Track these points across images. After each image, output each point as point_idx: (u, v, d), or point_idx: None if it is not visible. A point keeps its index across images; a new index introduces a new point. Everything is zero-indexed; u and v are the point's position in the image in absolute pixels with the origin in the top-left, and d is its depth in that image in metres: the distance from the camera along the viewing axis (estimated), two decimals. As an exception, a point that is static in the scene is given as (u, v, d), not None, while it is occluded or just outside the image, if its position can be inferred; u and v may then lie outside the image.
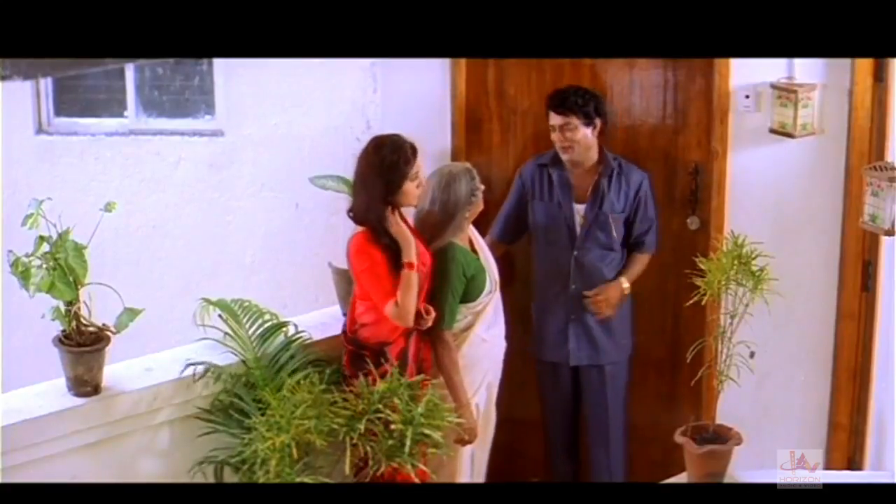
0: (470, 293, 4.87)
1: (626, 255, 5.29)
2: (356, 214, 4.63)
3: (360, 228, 4.62)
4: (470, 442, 4.80)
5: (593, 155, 5.20)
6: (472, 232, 5.02)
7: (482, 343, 4.96)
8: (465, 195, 4.82)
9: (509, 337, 5.15)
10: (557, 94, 5.17)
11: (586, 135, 5.13)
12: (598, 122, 5.15)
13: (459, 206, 4.80)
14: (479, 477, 5.11)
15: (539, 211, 5.29)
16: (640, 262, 5.28)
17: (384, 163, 4.55)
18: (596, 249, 5.22)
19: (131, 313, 4.32)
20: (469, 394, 4.86)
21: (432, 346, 4.80)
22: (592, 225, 5.20)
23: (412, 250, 4.57)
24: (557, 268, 5.26)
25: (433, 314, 4.71)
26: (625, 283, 5.23)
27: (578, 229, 5.21)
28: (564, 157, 5.18)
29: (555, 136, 5.16)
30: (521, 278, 5.48)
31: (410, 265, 4.55)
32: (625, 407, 5.40)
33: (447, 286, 4.78)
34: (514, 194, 5.37)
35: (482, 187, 4.91)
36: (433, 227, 4.79)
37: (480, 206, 4.94)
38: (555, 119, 5.14)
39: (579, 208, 5.22)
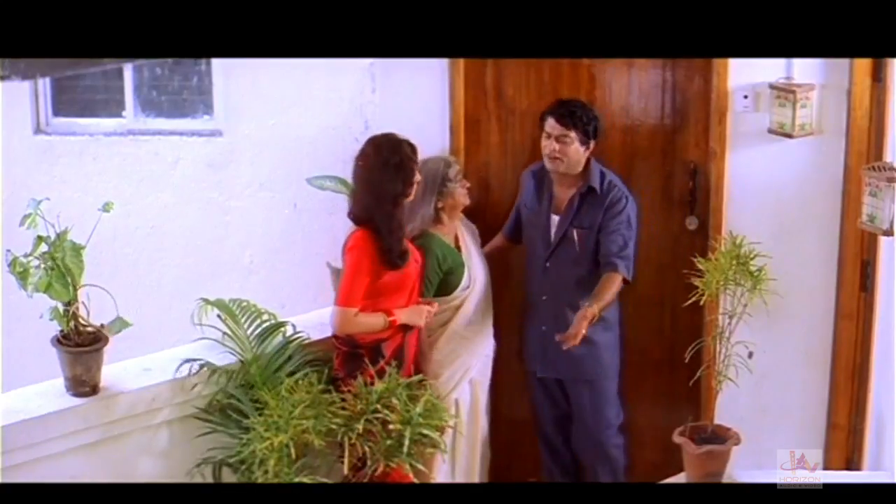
0: (446, 286, 4.94)
1: (596, 272, 5.02)
2: (358, 215, 4.64)
3: (357, 228, 4.63)
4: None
5: (578, 168, 5.07)
6: (461, 230, 5.04)
7: (462, 339, 5.00)
8: (432, 179, 4.86)
9: (502, 338, 5.14)
10: (564, 104, 5.06)
11: (579, 151, 5.02)
12: (592, 143, 5.04)
13: (427, 190, 4.84)
14: (472, 476, 5.11)
15: (525, 218, 5.25)
16: (610, 281, 4.92)
17: (390, 161, 4.57)
18: (566, 262, 5.09)
19: (122, 323, 4.34)
20: (448, 388, 4.91)
21: None
22: (562, 238, 5.10)
23: (417, 319, 4.70)
24: (535, 277, 5.20)
25: (436, 306, 4.82)
26: (591, 309, 4.77)
27: (552, 241, 5.13)
28: (550, 166, 5.06)
29: (546, 144, 5.03)
30: (516, 281, 5.47)
31: (395, 321, 4.62)
32: (609, 424, 5.21)
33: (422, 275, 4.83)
34: (519, 197, 5.33)
35: (463, 182, 4.94)
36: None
37: (461, 200, 4.97)
38: (553, 128, 5.00)
39: (555, 219, 5.13)
